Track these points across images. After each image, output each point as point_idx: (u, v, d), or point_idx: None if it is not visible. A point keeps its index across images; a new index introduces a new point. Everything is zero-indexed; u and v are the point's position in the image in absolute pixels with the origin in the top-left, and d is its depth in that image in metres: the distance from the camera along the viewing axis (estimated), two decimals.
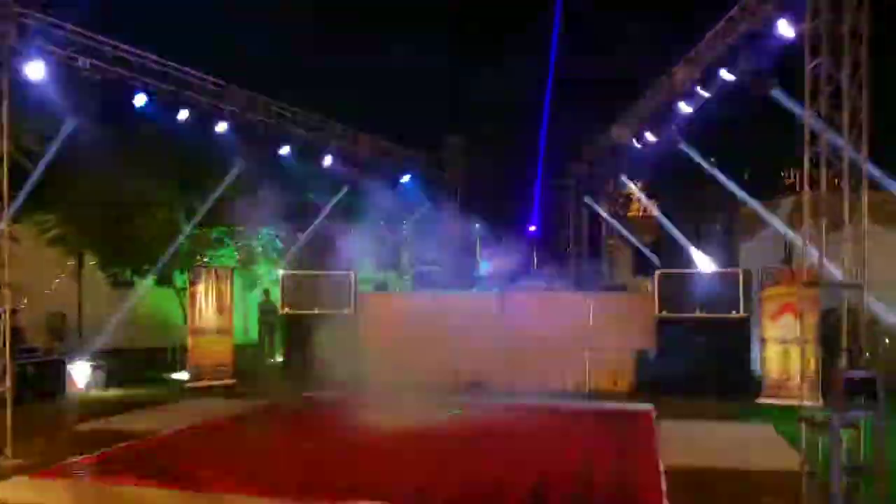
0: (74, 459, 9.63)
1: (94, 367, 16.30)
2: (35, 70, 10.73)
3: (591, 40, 22.75)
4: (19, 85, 10.62)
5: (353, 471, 9.23)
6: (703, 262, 15.92)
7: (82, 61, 11.41)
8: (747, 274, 15.75)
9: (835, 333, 8.24)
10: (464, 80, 23.90)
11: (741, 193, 15.41)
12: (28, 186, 10.69)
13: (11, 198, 10.15)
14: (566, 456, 10.16)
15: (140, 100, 12.67)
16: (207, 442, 11.08)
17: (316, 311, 17.27)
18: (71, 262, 21.67)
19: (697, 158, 15.56)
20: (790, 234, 14.97)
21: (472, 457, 10.01)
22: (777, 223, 15.42)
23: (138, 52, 12.39)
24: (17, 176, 10.37)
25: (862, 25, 8.20)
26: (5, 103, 9.77)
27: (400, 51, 23.42)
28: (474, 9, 23.15)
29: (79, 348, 19.43)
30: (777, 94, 7.41)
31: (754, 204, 15.44)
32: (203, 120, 14.16)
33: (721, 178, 15.41)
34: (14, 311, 10.31)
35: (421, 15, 22.86)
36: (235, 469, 9.28)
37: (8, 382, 9.96)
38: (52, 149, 10.77)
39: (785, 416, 12.48)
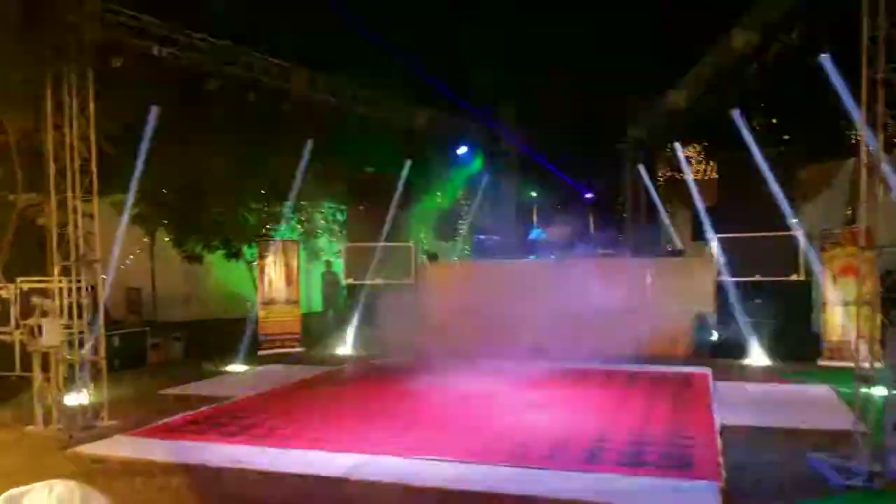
0: (166, 420, 10.47)
1: (173, 339, 17.31)
2: (116, 60, 11.43)
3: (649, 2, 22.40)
4: (102, 73, 11.35)
5: (419, 429, 9.80)
6: None
7: (159, 50, 12.08)
8: (809, 237, 15.67)
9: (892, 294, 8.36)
10: (520, 46, 23.78)
11: (770, 177, 15.03)
12: (137, 174, 11.47)
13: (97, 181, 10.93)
14: (624, 416, 10.53)
15: (212, 84, 13.33)
16: (284, 404, 11.80)
17: (378, 281, 17.90)
18: (146, 239, 22.84)
19: (744, 131, 15.34)
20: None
21: (532, 417, 10.46)
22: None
23: (209, 38, 13.01)
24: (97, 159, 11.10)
25: None
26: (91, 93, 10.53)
27: (454, 18, 23.51)
28: None
29: (155, 321, 20.59)
30: (826, 61, 7.40)
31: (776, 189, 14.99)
32: (269, 100, 14.77)
33: (756, 152, 15.09)
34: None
35: None
36: (310, 428, 9.98)
37: (102, 353, 10.82)
38: (144, 135, 11.48)
39: (845, 378, 12.54)
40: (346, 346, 17.80)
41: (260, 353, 17.20)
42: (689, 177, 19.79)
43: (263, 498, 7.46)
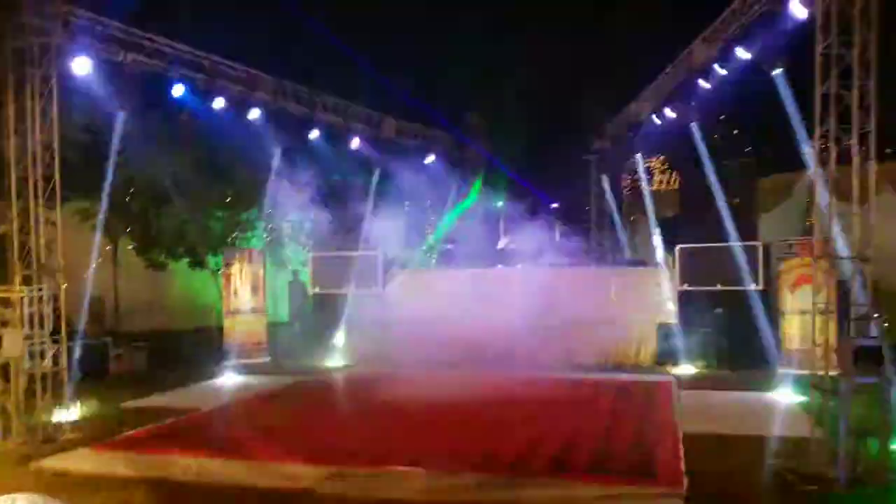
0: (130, 433, 10.33)
1: (136, 349, 17.05)
2: (81, 65, 11.29)
3: (613, 17, 22.83)
4: (65, 79, 11.22)
5: (388, 439, 9.82)
6: None
7: (124, 55, 11.95)
8: (767, 247, 16.05)
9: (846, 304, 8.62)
10: (486, 57, 24.01)
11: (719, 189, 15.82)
12: (103, 180, 11.30)
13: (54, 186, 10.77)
14: (590, 424, 10.64)
15: (178, 90, 13.21)
16: (250, 415, 11.73)
17: (345, 290, 17.86)
18: (108, 247, 22.47)
19: (699, 143, 15.87)
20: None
21: (500, 425, 10.54)
22: None
23: (174, 44, 12.89)
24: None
25: (871, 7, 8.45)
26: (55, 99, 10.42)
27: (420, 28, 23.74)
28: None
29: (117, 331, 20.26)
30: (778, 76, 7.84)
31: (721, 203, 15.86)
32: (235, 107, 14.66)
33: (708, 165, 15.79)
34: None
35: None
36: (277, 439, 9.91)
37: (64, 364, 10.63)
38: (109, 142, 11.35)
39: (803, 386, 12.85)
40: (313, 356, 17.70)
41: (225, 363, 17.01)
42: (646, 188, 20.21)
43: None
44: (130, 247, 21.55)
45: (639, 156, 20.51)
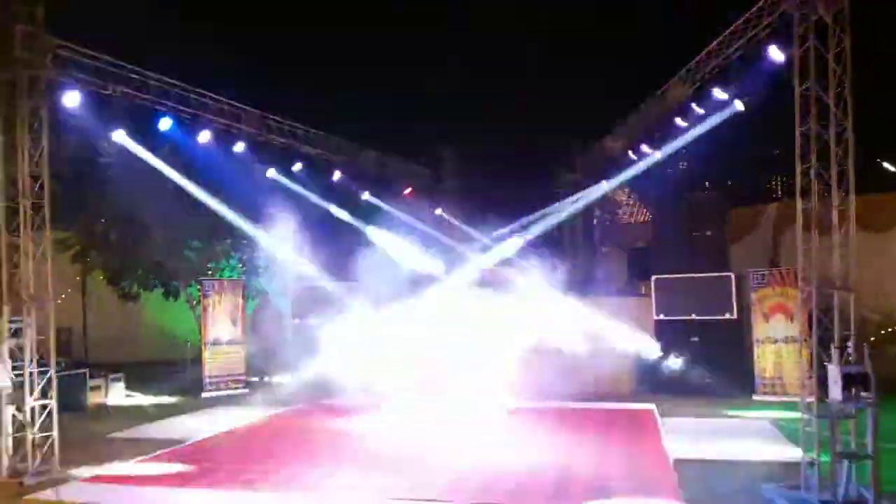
0: (121, 464, 10.22)
1: (114, 380, 16.81)
2: (70, 98, 11.30)
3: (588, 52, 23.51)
4: (53, 112, 11.19)
5: (385, 469, 9.86)
6: None
7: (112, 88, 11.97)
8: (740, 277, 16.53)
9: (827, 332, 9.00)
10: (460, 90, 24.45)
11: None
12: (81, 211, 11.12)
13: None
14: (582, 452, 10.81)
15: (165, 123, 13.25)
16: (241, 446, 11.66)
17: (328, 320, 17.80)
18: (77, 277, 22.14)
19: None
20: None
21: (495, 454, 10.66)
22: None
23: (161, 77, 12.94)
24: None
25: (845, 51, 8.98)
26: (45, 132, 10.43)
27: (397, 63, 24.16)
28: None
29: (86, 362, 19.89)
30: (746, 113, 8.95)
31: None
32: (219, 139, 14.70)
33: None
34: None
35: (419, 24, 23.54)
36: (273, 470, 9.91)
37: (53, 395, 10.45)
38: (92, 174, 11.29)
39: (779, 411, 13.24)
40: (293, 386, 17.55)
41: (204, 395, 16.85)
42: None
43: None
44: (102, 277, 21.20)
45: (604, 182, 20.87)
